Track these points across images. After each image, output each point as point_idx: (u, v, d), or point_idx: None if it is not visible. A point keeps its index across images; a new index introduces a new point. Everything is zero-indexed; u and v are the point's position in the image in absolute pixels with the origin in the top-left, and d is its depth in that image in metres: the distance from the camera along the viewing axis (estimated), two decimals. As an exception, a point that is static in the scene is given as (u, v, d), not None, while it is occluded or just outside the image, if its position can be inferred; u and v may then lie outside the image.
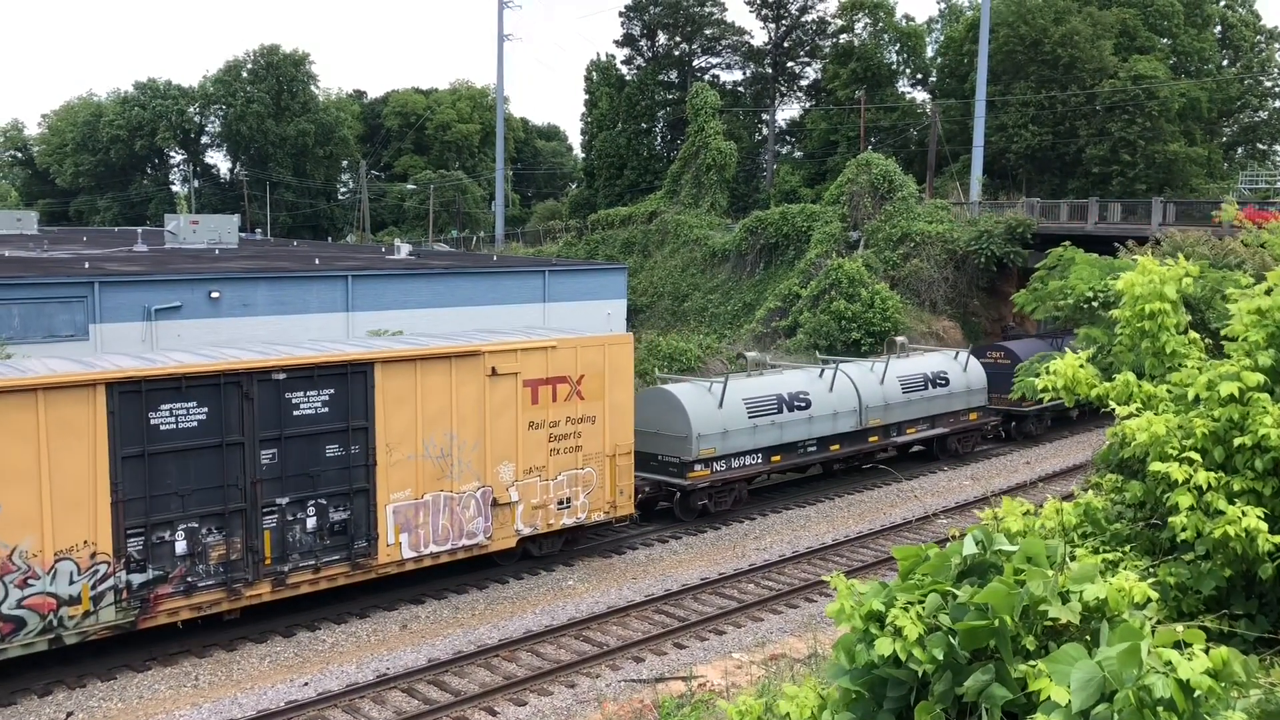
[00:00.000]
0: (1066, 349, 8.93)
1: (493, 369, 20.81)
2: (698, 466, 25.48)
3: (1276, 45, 77.25)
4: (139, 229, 68.77)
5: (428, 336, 24.45)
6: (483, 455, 20.85)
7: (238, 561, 18.09)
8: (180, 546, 17.44)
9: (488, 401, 20.81)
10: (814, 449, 28.51)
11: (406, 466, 19.82)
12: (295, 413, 18.46)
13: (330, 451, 18.94)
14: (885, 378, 30.47)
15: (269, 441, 18.20)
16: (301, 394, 18.52)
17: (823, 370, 29.55)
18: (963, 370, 33.13)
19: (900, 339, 35.91)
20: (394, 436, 19.58)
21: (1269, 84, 75.69)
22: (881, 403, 30.02)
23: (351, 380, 19.06)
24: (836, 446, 29.05)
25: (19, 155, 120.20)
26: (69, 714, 16.17)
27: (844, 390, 29.18)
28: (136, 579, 17.08)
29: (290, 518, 18.61)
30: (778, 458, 27.47)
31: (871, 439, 30.08)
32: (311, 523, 18.85)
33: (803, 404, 27.87)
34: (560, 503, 22.29)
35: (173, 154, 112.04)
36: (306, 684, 17.29)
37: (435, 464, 20.20)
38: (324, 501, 18.95)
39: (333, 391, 18.86)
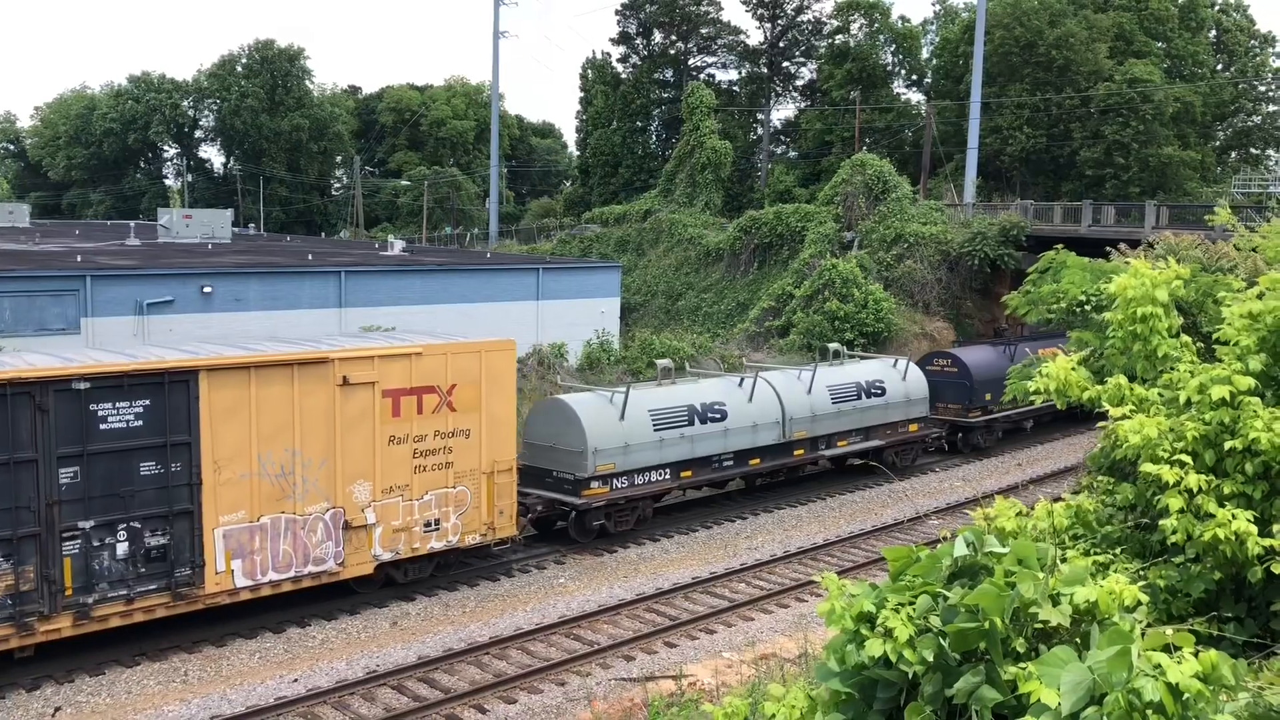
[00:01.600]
0: (1031, 356, 8.98)
1: (344, 378, 18.97)
2: (594, 484, 23.65)
3: (1270, 50, 77.50)
4: (132, 223, 68.65)
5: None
6: (332, 473, 19.03)
7: (30, 593, 16.19)
8: None
9: (339, 414, 18.96)
10: (730, 463, 26.67)
11: (239, 486, 17.97)
12: (102, 426, 16.59)
13: (146, 470, 17.07)
14: (813, 387, 28.63)
15: (69, 459, 16.35)
16: (110, 405, 16.66)
17: (742, 379, 27.69)
18: (901, 379, 31.24)
19: (834, 345, 33.20)
20: (224, 453, 17.75)
21: (1263, 88, 75.91)
22: (808, 414, 28.29)
23: (171, 390, 17.20)
24: (756, 461, 27.23)
25: (11, 148, 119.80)
26: (56, 709, 16.13)
27: (765, 400, 27.36)
28: None
29: (96, 543, 16.70)
30: (688, 473, 25.64)
31: (797, 452, 28.32)
32: (123, 549, 16.96)
33: (717, 415, 26.10)
34: (427, 525, 20.39)
35: (166, 148, 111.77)
36: (296, 680, 17.27)
37: (274, 483, 18.36)
38: (138, 525, 17.07)
39: (148, 403, 17.01)
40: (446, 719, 16.14)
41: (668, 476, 25.31)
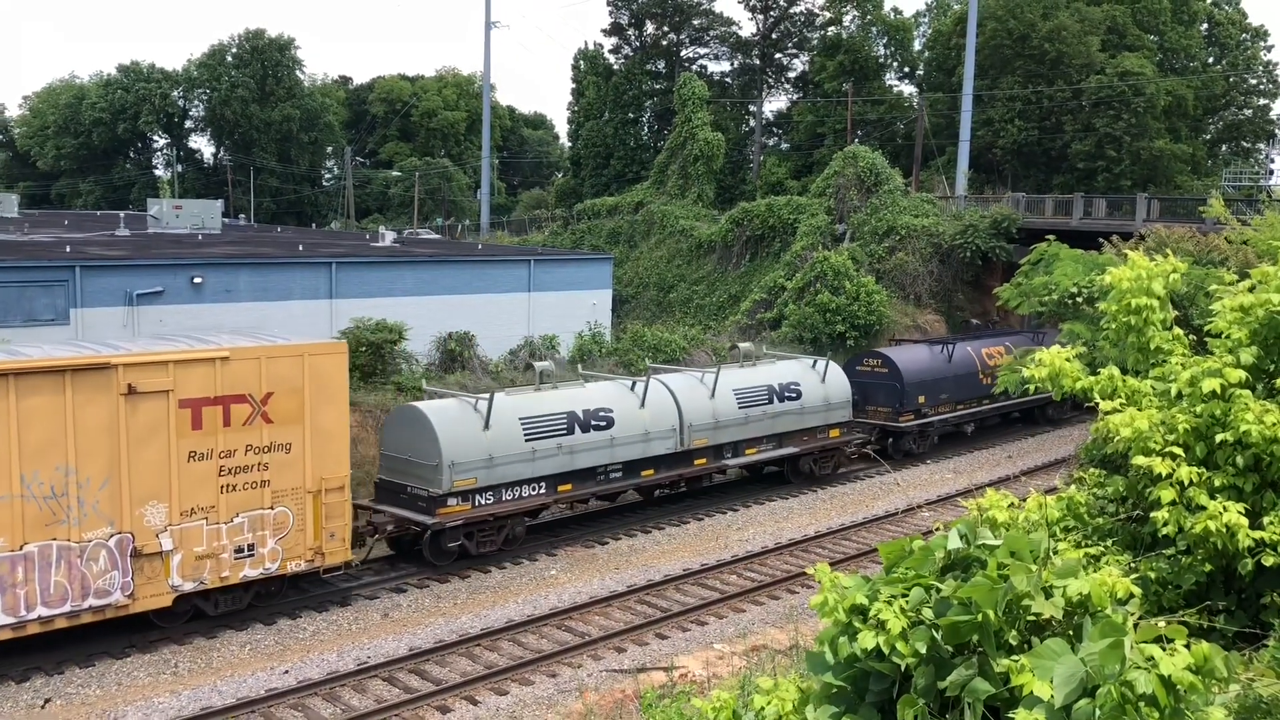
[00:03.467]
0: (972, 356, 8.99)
1: (129, 386, 16.92)
2: (452, 501, 21.54)
3: (1261, 43, 77.62)
4: (121, 213, 68.21)
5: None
6: (117, 494, 16.96)
7: None
8: None
9: (125, 427, 16.93)
10: (619, 475, 24.61)
11: None
12: None
13: None
14: (716, 391, 26.64)
15: None
16: None
17: (635, 382, 25.78)
18: (820, 381, 29.11)
19: (746, 345, 30.68)
20: None
21: (1254, 81, 76.05)
22: (710, 420, 26.28)
23: None
24: (650, 471, 25.22)
25: None
26: (46, 700, 16.09)
27: (660, 406, 25.42)
28: None
29: None
30: (567, 486, 23.59)
31: (698, 461, 26.24)
32: None
33: (603, 423, 24.04)
34: (239, 550, 18.32)
35: (156, 138, 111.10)
36: (287, 672, 17.25)
37: (44, 506, 16.32)
38: None
39: None
40: (438, 710, 16.15)
41: (543, 491, 23.20)
